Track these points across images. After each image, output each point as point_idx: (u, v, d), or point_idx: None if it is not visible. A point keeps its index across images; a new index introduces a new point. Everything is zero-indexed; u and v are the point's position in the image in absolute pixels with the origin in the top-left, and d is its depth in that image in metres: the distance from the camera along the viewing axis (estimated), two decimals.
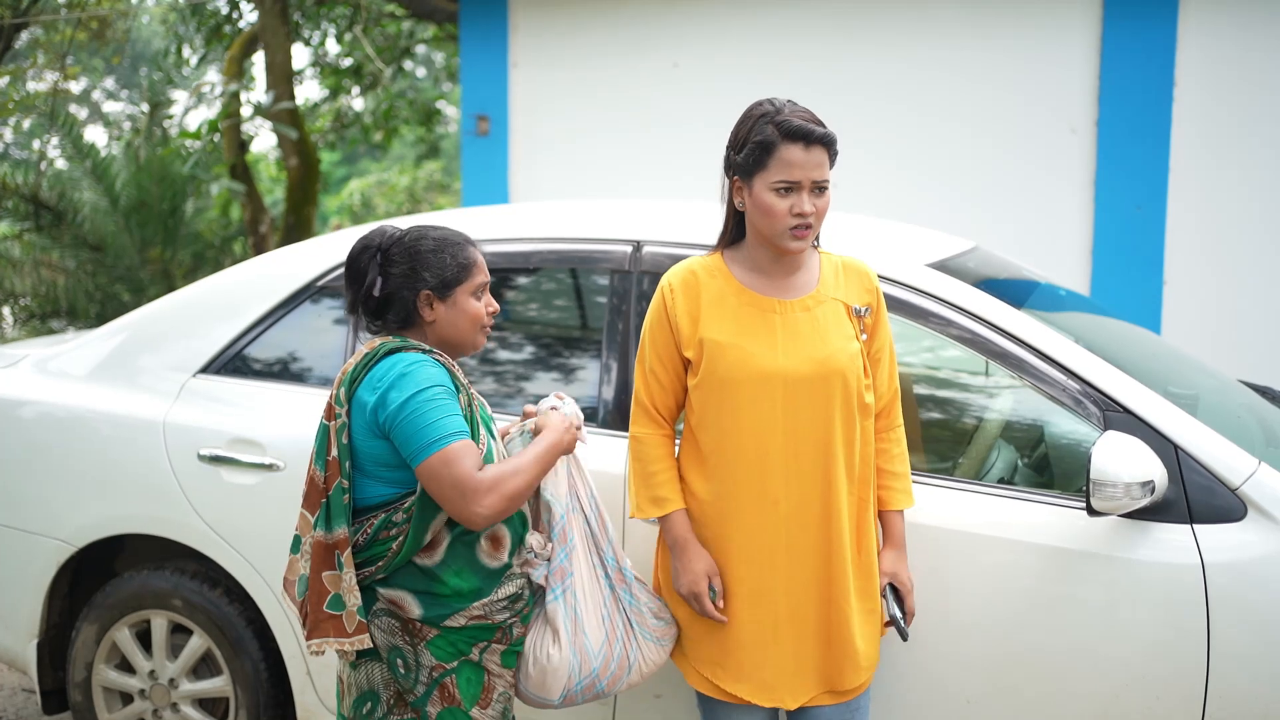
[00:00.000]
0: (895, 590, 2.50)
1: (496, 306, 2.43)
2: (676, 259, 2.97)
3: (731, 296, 2.44)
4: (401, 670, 2.34)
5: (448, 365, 2.34)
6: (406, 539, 2.29)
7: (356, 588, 2.30)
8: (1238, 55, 5.49)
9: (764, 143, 2.33)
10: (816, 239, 2.50)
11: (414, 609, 2.32)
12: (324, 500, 2.32)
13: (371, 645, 2.33)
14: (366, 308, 2.38)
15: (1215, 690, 2.45)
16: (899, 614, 2.46)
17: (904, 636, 2.45)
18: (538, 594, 2.45)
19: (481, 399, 2.50)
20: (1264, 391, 3.48)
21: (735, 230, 2.49)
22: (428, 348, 2.35)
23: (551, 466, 2.38)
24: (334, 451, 2.31)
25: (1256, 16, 5.45)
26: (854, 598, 2.43)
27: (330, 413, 2.33)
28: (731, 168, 2.42)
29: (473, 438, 2.30)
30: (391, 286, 2.34)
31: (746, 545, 2.43)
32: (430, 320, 2.36)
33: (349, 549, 2.30)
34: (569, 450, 2.44)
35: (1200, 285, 5.60)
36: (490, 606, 2.35)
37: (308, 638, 2.34)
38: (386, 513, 2.31)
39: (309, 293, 3.29)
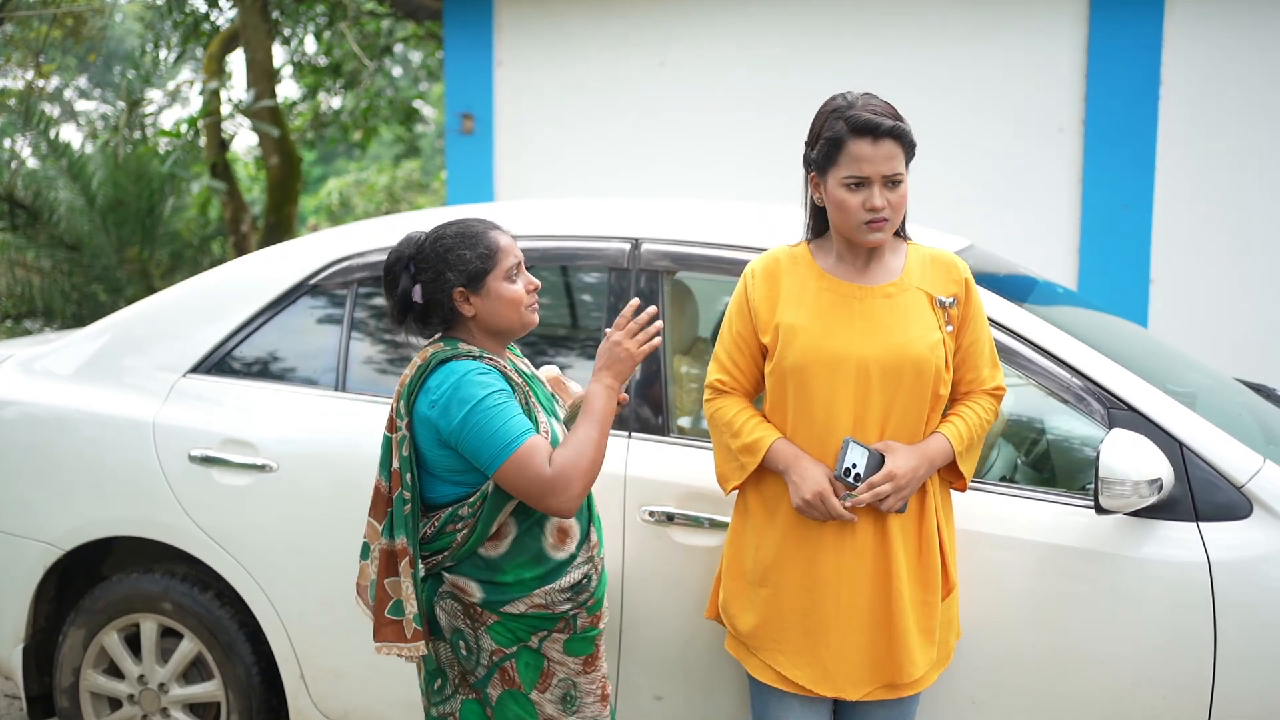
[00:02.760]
0: (875, 458, 2.34)
1: (537, 283, 2.43)
2: (676, 257, 2.96)
3: (812, 282, 2.43)
4: (464, 652, 2.39)
5: (499, 367, 2.35)
6: (473, 532, 2.34)
7: (414, 597, 2.35)
8: (1223, 55, 5.51)
9: (834, 139, 2.33)
10: (902, 230, 2.48)
11: (475, 593, 2.36)
12: (389, 509, 2.38)
13: (428, 652, 2.41)
14: (412, 315, 2.39)
15: (1221, 691, 2.44)
16: (853, 467, 2.31)
17: (846, 490, 2.34)
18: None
19: (538, 380, 2.53)
20: (1259, 389, 3.49)
21: (818, 224, 2.49)
22: (477, 351, 2.36)
23: (608, 412, 2.35)
24: (395, 463, 2.36)
25: (1241, 17, 5.47)
26: (912, 590, 2.40)
27: (391, 425, 2.38)
28: (808, 164, 2.43)
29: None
30: (427, 292, 2.36)
31: (806, 531, 2.41)
32: (471, 315, 2.38)
33: (407, 558, 2.35)
34: (627, 368, 2.39)
35: (1187, 283, 5.62)
36: (551, 595, 2.37)
37: (375, 640, 2.40)
38: (454, 506, 2.35)
39: (301, 291, 3.25)
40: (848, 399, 2.36)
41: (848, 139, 2.31)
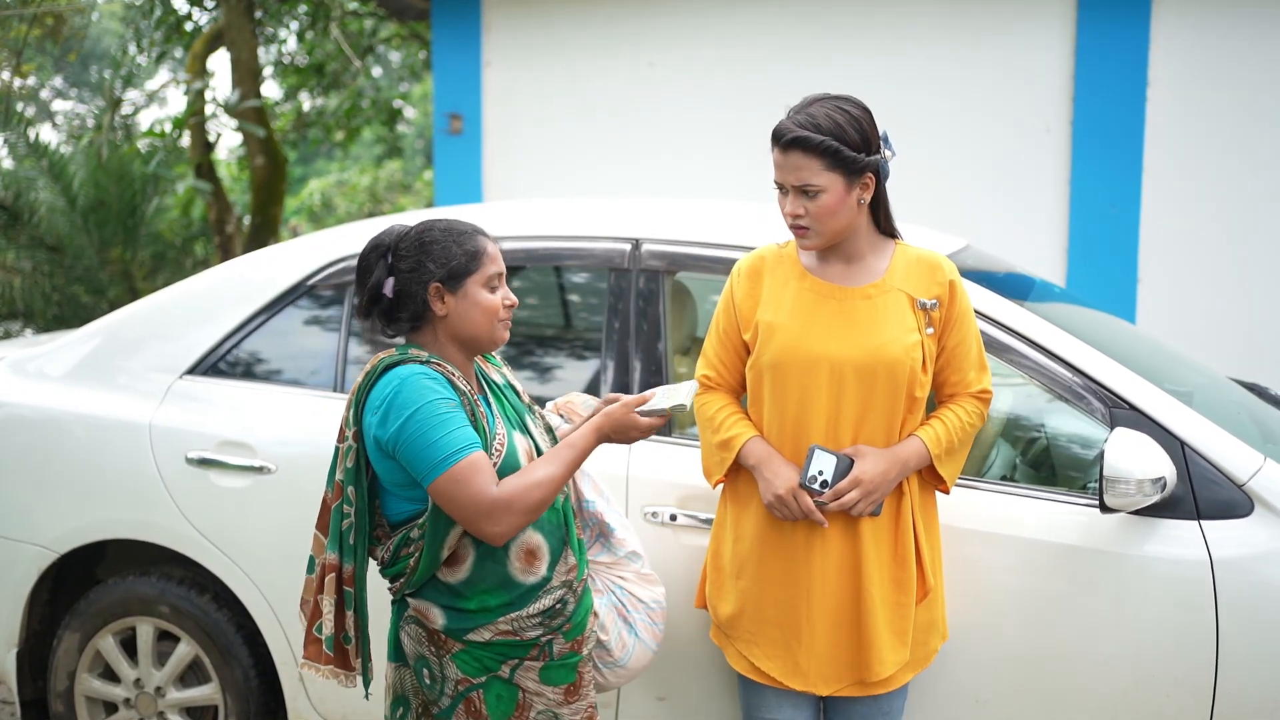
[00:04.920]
0: (844, 464, 2.33)
1: (514, 300, 2.31)
2: (676, 257, 2.96)
3: (794, 281, 2.44)
4: (427, 680, 2.28)
5: (447, 374, 2.21)
6: (421, 557, 2.22)
7: (333, 618, 2.27)
8: (1210, 56, 5.55)
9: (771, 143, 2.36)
10: (893, 230, 2.47)
11: (438, 619, 2.25)
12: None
13: (351, 685, 2.33)
14: (379, 309, 2.26)
15: (1224, 688, 2.46)
16: (819, 474, 2.32)
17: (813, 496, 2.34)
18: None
19: (513, 390, 2.42)
20: (1252, 388, 3.51)
21: None
22: (426, 356, 2.23)
23: (581, 462, 2.25)
24: (339, 475, 2.26)
25: (1228, 18, 5.51)
26: (884, 591, 2.41)
27: (340, 434, 2.27)
28: None
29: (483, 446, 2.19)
30: (401, 283, 2.23)
31: (779, 528, 2.42)
32: (442, 315, 2.24)
33: (334, 575, 2.26)
34: (627, 441, 2.27)
35: (1174, 283, 5.66)
36: (520, 622, 2.24)
37: (303, 655, 2.33)
38: (405, 530, 2.24)
39: (299, 292, 3.23)
40: (821, 399, 2.37)
41: (771, 145, 2.33)
